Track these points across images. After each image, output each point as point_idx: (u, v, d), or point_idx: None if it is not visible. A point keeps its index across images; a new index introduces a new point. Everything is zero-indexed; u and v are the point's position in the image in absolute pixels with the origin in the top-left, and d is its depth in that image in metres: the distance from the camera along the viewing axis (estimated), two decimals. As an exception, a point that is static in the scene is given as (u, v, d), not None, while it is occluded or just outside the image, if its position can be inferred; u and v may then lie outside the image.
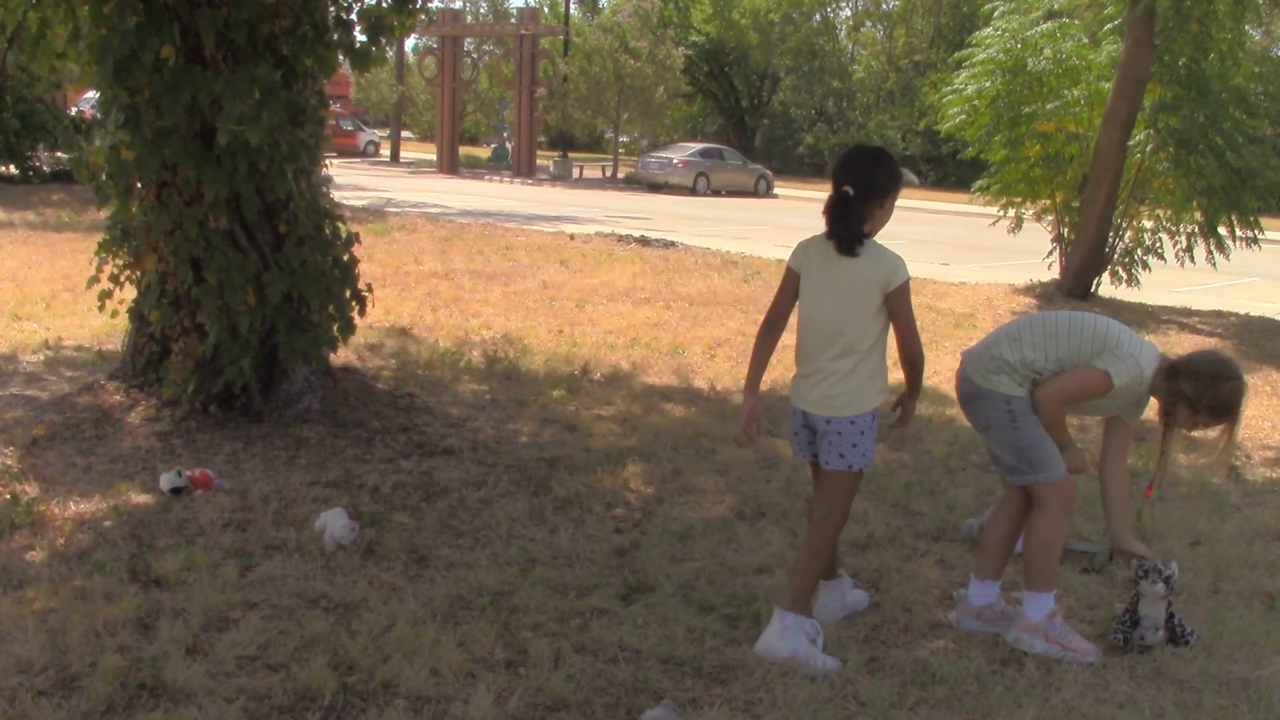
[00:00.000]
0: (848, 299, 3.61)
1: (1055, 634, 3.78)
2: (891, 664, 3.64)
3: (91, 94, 14.73)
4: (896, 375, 3.84)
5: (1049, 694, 3.49)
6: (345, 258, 6.02)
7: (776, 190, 36.09)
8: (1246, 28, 13.34)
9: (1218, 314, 12.87)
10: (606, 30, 39.34)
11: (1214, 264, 13.37)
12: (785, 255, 3.97)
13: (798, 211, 28.61)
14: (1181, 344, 10.45)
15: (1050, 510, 3.83)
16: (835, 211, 3.58)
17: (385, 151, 44.98)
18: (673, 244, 16.34)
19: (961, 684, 3.52)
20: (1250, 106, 12.75)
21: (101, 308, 6.06)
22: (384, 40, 6.03)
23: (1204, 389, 3.80)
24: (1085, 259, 13.13)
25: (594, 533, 4.67)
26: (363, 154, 44.18)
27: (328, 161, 6.15)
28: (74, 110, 23.28)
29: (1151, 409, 3.99)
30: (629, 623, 3.81)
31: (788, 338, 3.84)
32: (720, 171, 34.73)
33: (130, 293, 6.10)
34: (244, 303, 5.48)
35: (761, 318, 3.90)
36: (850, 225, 3.57)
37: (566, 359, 7.94)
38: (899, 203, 3.73)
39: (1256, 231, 13.07)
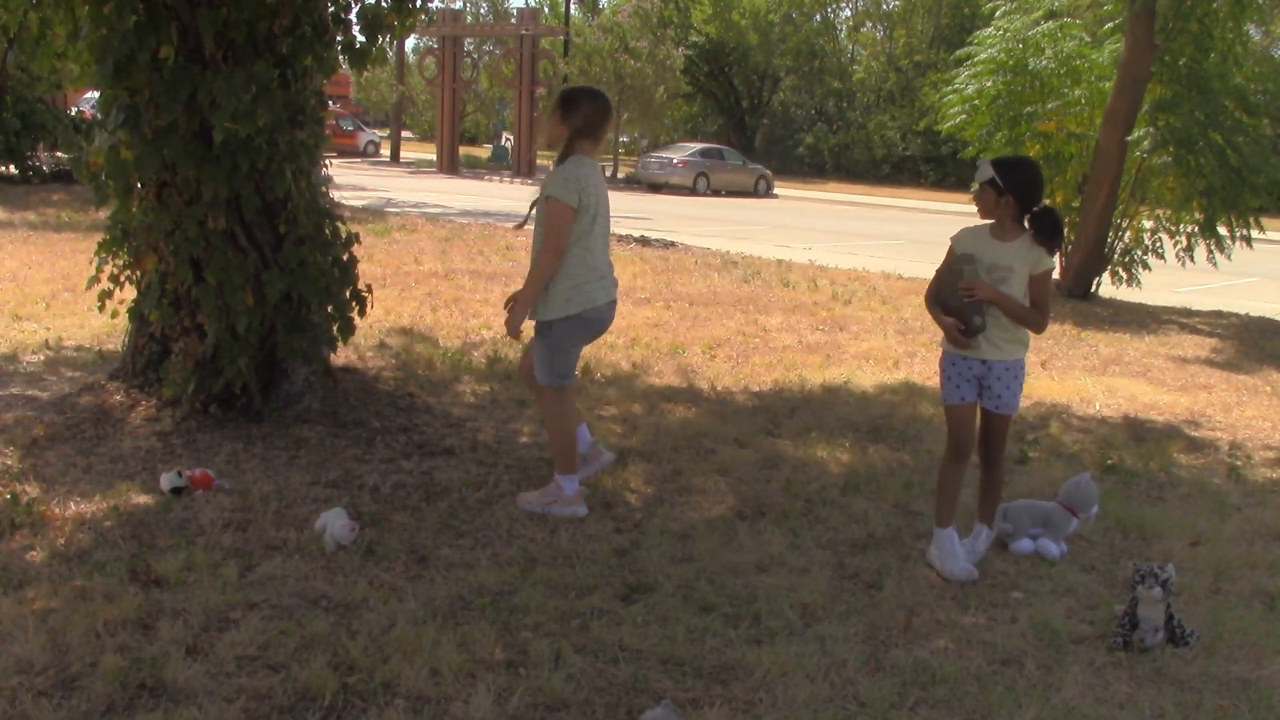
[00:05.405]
0: None
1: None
2: (891, 664, 3.64)
3: (91, 94, 14.73)
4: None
5: (1049, 694, 3.50)
6: (345, 257, 6.02)
7: (776, 190, 36.09)
8: (1247, 28, 13.33)
9: (1218, 314, 12.86)
10: (606, 30, 39.31)
11: (1214, 263, 13.38)
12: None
13: (798, 211, 28.62)
14: (1181, 344, 10.45)
15: None
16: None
17: (385, 151, 44.96)
18: (673, 244, 16.33)
19: (961, 684, 3.52)
20: (1250, 106, 12.75)
21: (101, 308, 6.06)
22: (382, 39, 6.02)
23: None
24: (1085, 259, 13.13)
25: (594, 533, 4.67)
26: (363, 154, 44.15)
27: (327, 161, 6.14)
28: (74, 110, 23.27)
29: None
30: (629, 623, 3.81)
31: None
32: (720, 171, 34.72)
33: (130, 293, 6.09)
34: (243, 303, 5.48)
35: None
36: None
37: (566, 359, 7.93)
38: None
39: (1256, 230, 13.07)
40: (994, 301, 4.34)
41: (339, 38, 5.95)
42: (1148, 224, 13.57)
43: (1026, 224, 4.40)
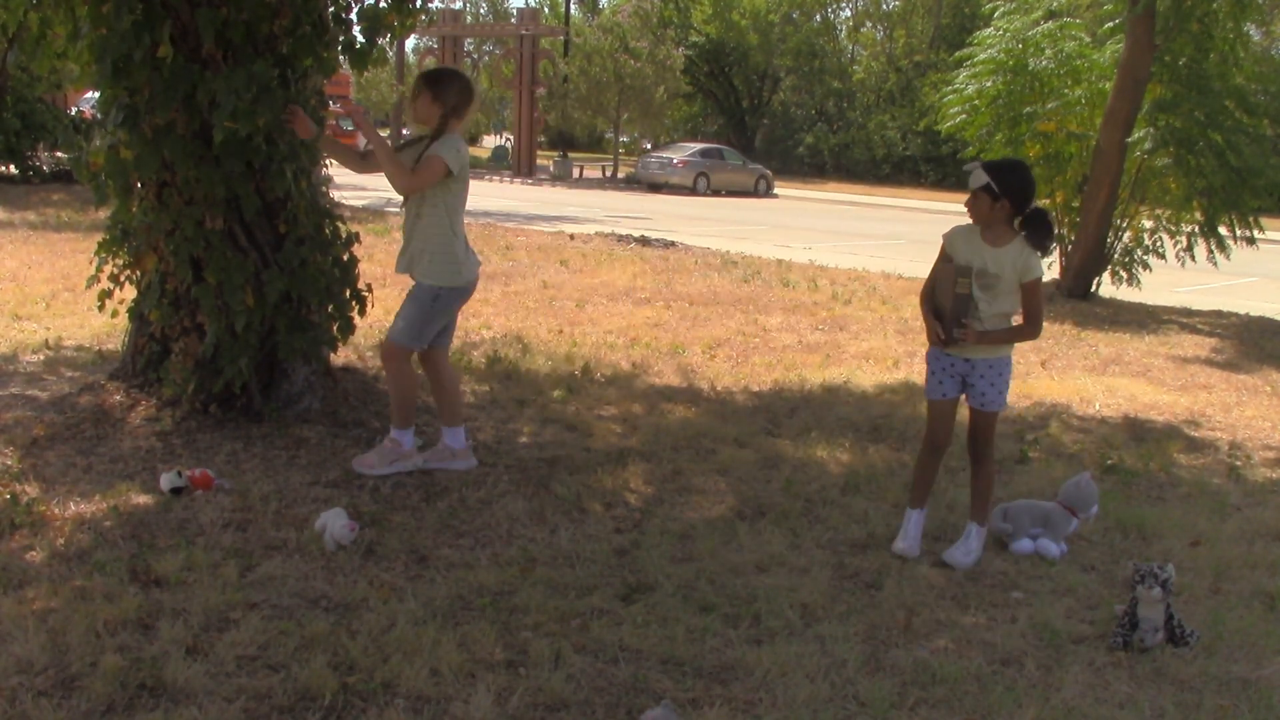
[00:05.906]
0: None
1: None
2: (891, 664, 3.64)
3: (91, 94, 14.73)
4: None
5: (1049, 694, 3.50)
6: (345, 257, 6.01)
7: (776, 190, 36.11)
8: (1247, 28, 13.34)
9: (1218, 314, 12.87)
10: (606, 30, 39.35)
11: (1214, 263, 13.38)
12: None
13: (798, 211, 28.63)
14: (1181, 344, 10.45)
15: None
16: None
17: (385, 151, 44.88)
18: (673, 244, 16.34)
19: (961, 684, 3.52)
20: (1250, 106, 12.75)
21: (101, 308, 6.06)
22: (382, 39, 6.01)
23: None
24: (1085, 259, 13.13)
25: (594, 533, 4.67)
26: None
27: (328, 161, 6.14)
28: (74, 110, 23.27)
29: None
30: (629, 623, 3.81)
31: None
32: (720, 171, 34.75)
33: (130, 293, 6.09)
34: (242, 302, 5.48)
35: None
36: None
37: (567, 359, 7.94)
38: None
39: (1256, 230, 13.08)
40: (980, 343, 4.40)
41: (339, 38, 5.95)
42: (1148, 224, 13.58)
43: (1017, 226, 4.42)
